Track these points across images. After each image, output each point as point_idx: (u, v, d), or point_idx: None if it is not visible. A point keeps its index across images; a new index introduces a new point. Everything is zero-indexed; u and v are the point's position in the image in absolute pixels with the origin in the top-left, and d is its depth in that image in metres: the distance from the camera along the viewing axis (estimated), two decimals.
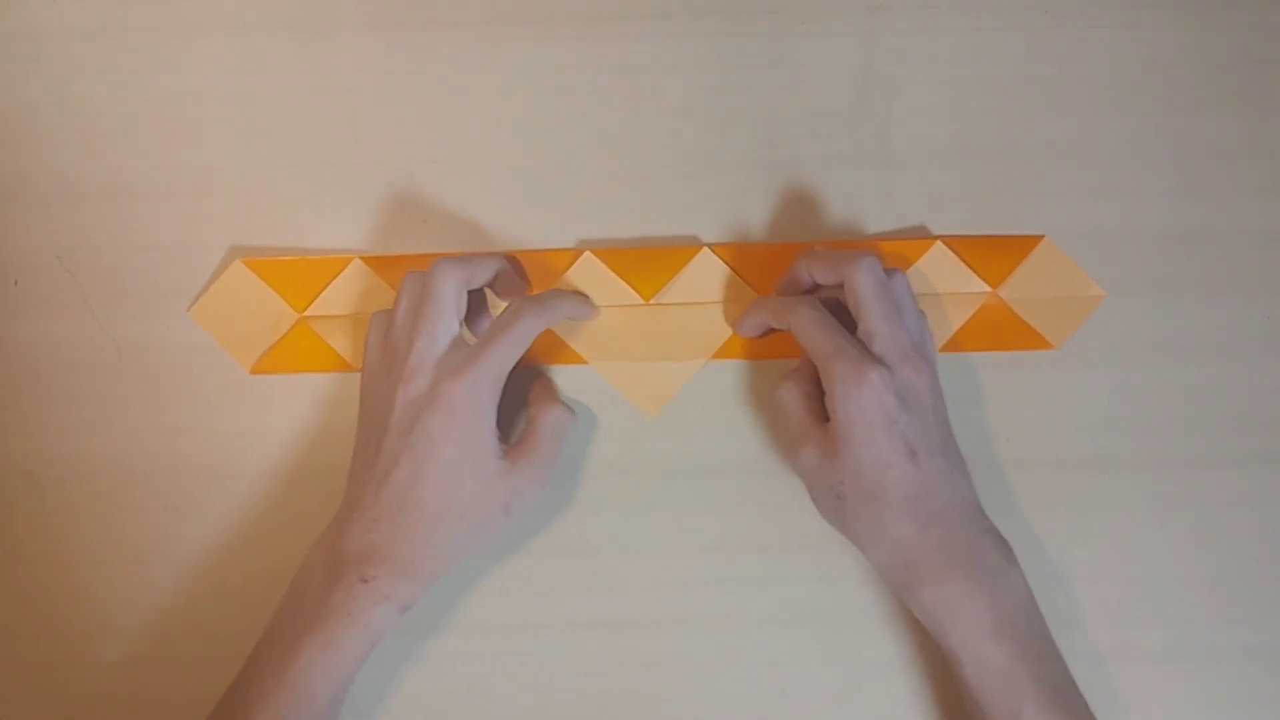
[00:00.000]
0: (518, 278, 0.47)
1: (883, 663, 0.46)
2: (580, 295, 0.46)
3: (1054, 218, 0.47)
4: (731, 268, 0.47)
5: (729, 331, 0.47)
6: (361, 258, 0.47)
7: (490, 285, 0.46)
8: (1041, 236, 0.47)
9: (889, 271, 0.43)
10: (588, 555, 0.47)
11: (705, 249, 0.47)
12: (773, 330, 0.46)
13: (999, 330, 0.47)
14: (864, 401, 0.40)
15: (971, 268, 0.47)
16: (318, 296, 0.47)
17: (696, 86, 0.48)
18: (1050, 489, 0.47)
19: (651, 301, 0.47)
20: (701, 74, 0.48)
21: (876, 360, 0.40)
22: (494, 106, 0.48)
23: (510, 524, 0.43)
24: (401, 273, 0.47)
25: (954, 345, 0.47)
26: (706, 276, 0.47)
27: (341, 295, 0.47)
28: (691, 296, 0.47)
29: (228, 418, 0.47)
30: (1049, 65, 0.47)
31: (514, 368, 0.42)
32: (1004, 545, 0.41)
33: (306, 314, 0.47)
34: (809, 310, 0.42)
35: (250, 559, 0.47)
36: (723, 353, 0.47)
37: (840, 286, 0.43)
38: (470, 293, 0.44)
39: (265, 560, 0.47)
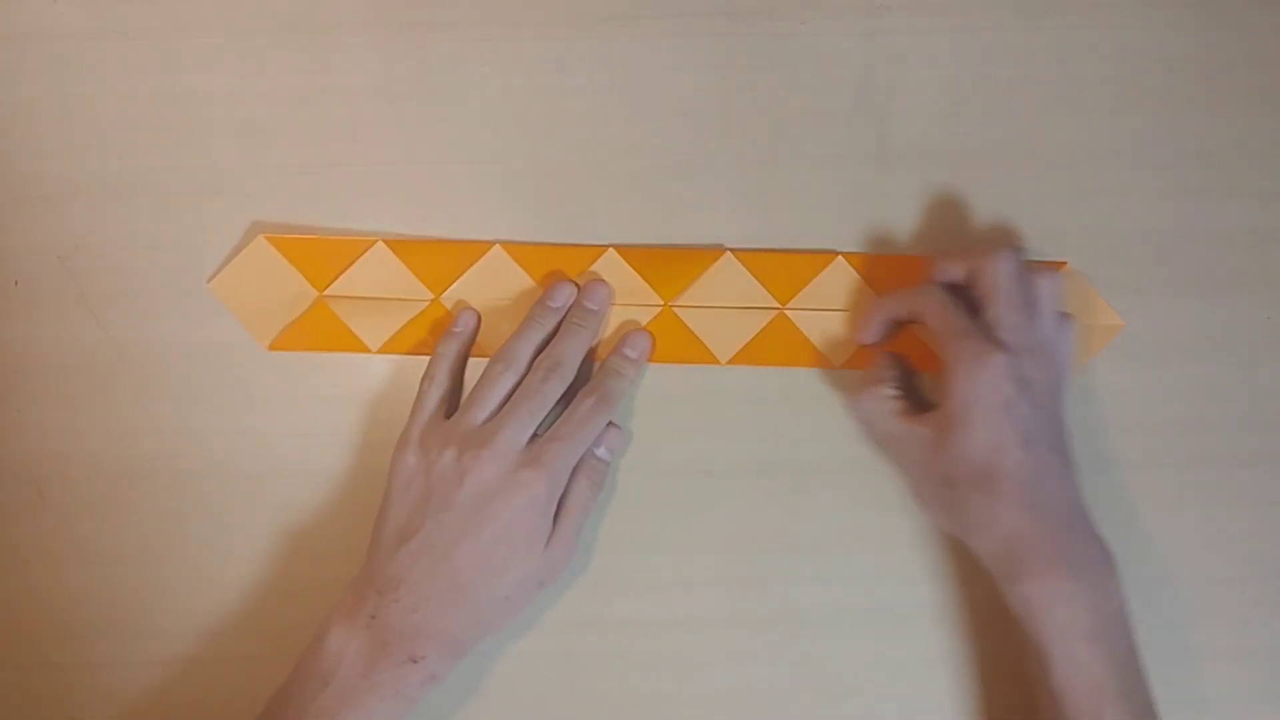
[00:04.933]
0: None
1: (882, 663, 0.46)
2: (624, 367, 0.46)
3: (1053, 217, 0.47)
4: (753, 273, 0.47)
5: (747, 337, 0.47)
6: (385, 241, 0.47)
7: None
8: (1064, 263, 0.47)
9: (1041, 271, 0.43)
10: (588, 555, 0.47)
11: (728, 254, 0.47)
12: (896, 329, 0.46)
13: None
14: (983, 383, 0.40)
15: None
16: (339, 277, 0.47)
17: (697, 86, 0.48)
18: None
19: (671, 304, 0.47)
20: (702, 74, 0.48)
21: (1001, 345, 0.41)
22: (494, 106, 0.48)
23: (540, 598, 0.44)
24: (427, 258, 0.47)
25: None
26: (730, 280, 0.47)
27: (363, 277, 0.47)
28: (714, 300, 0.47)
29: (228, 418, 0.47)
30: (1049, 65, 0.47)
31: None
32: (1108, 552, 0.41)
33: (327, 293, 0.47)
34: (938, 292, 0.43)
35: (252, 559, 0.47)
36: (738, 358, 0.47)
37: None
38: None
39: (266, 561, 0.47)
